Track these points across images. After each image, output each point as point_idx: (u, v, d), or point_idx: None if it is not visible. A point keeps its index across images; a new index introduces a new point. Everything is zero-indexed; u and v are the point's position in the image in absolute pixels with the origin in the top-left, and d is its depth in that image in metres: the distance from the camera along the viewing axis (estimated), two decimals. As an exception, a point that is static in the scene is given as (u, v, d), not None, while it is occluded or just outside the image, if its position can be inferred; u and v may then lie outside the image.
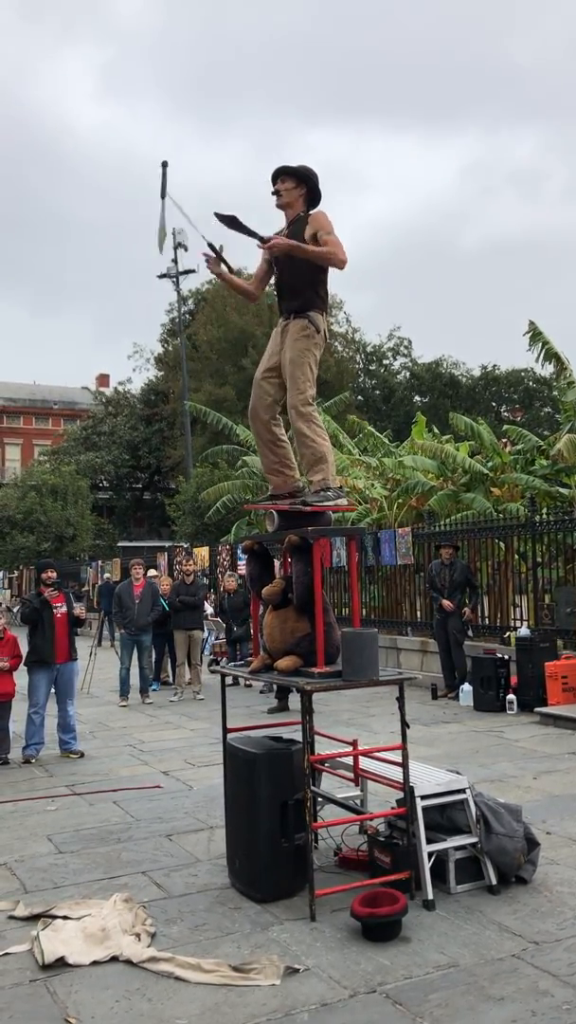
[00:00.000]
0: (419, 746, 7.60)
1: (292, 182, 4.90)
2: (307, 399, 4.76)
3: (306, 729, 4.52)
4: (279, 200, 4.93)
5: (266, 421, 4.99)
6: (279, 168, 4.92)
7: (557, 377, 16.18)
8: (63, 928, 4.24)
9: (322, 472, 4.78)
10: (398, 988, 3.60)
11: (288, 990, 3.61)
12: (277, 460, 5.04)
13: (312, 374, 4.78)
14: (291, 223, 4.92)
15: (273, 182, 4.93)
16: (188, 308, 41.40)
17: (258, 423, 5.03)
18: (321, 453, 4.78)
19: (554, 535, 11.34)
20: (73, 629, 8.47)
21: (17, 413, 55.50)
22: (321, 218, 4.82)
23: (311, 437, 4.75)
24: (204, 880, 4.94)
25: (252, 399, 5.04)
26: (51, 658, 8.23)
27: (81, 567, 27.15)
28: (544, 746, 8.17)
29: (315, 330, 4.77)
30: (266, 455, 5.08)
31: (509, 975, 3.68)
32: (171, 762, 8.03)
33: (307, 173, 4.93)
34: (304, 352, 4.75)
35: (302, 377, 4.73)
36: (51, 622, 8.24)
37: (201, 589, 12.92)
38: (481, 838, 4.64)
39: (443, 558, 11.38)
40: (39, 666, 8.28)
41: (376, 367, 49.45)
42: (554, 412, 39.87)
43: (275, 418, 4.97)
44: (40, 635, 8.24)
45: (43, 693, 8.31)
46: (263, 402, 4.96)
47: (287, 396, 4.80)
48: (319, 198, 4.96)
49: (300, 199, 4.93)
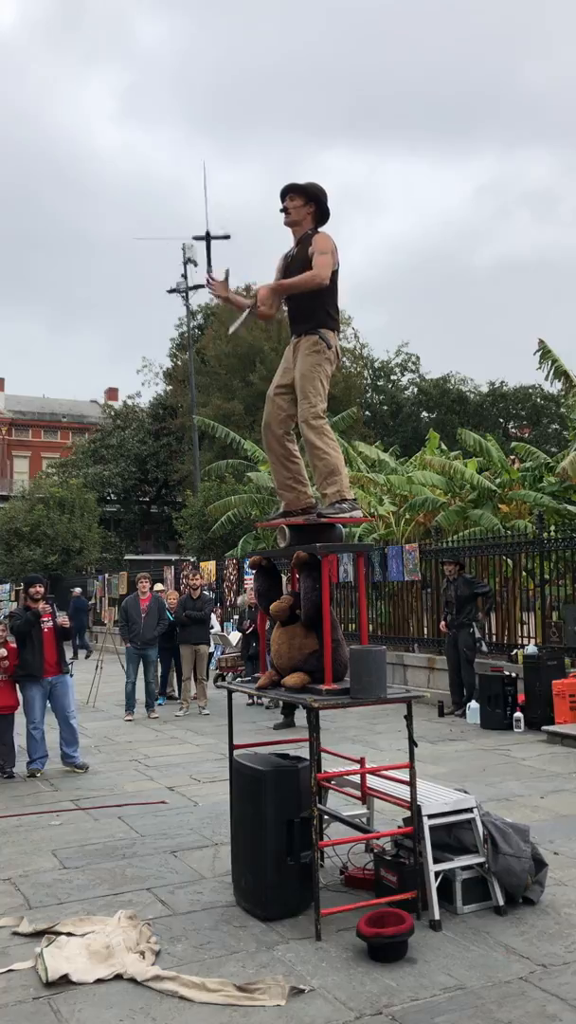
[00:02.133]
0: (426, 764, 7.56)
1: (301, 199, 4.92)
2: (318, 412, 4.77)
3: (313, 746, 4.50)
4: (287, 218, 4.96)
5: (280, 436, 5.00)
6: (288, 185, 4.94)
7: (566, 394, 16.22)
8: (67, 945, 4.21)
9: (336, 484, 4.78)
10: (404, 1010, 3.56)
11: (293, 1011, 3.58)
12: (290, 476, 5.04)
13: (323, 388, 4.80)
14: (299, 241, 4.95)
15: (282, 199, 4.95)
16: (197, 323, 41.53)
17: (271, 438, 5.04)
18: (334, 465, 4.78)
19: (562, 552, 11.30)
20: (61, 642, 8.41)
21: (26, 426, 55.68)
22: (320, 238, 4.84)
23: (323, 449, 4.76)
24: (209, 898, 4.91)
25: (265, 414, 5.05)
26: (40, 672, 8.19)
27: (88, 580, 27.14)
28: (552, 765, 8.12)
29: (326, 346, 4.79)
30: (279, 471, 5.08)
31: (517, 998, 3.64)
32: (176, 778, 8.00)
33: (316, 191, 4.94)
34: (315, 367, 4.76)
35: (313, 391, 4.75)
36: (39, 636, 8.20)
37: (208, 604, 12.90)
38: (488, 858, 4.60)
39: (447, 575, 11.36)
40: (30, 681, 8.24)
41: (384, 383, 49.50)
42: (562, 429, 39.84)
43: (288, 433, 4.98)
44: (29, 650, 8.19)
45: (38, 708, 8.26)
46: (276, 417, 4.97)
47: (298, 410, 4.81)
48: (327, 216, 4.98)
49: (309, 216, 4.95)
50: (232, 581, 18.97)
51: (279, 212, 4.95)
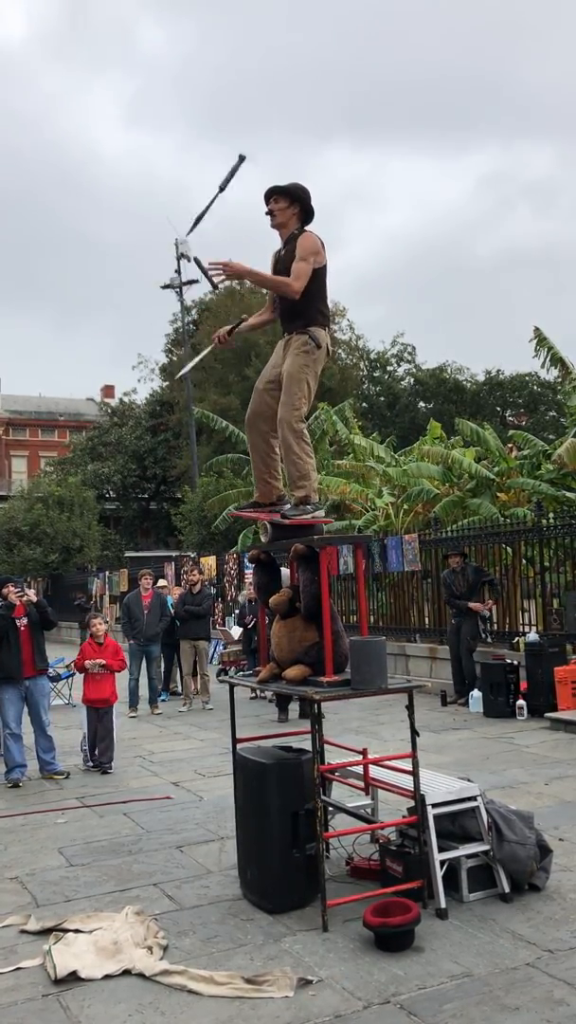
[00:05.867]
0: (429, 753, 7.57)
1: (285, 201, 4.89)
2: (300, 416, 4.77)
3: (316, 738, 4.51)
4: (273, 220, 4.93)
5: (264, 432, 5.00)
6: (271, 188, 4.90)
7: (562, 381, 16.22)
8: (75, 942, 4.23)
9: (304, 489, 4.82)
10: (412, 999, 3.58)
11: (302, 1002, 3.59)
12: (267, 470, 5.08)
13: (309, 391, 4.78)
14: (286, 242, 4.93)
15: (266, 202, 4.91)
16: (191, 318, 41.46)
17: (255, 433, 5.04)
18: (306, 471, 4.81)
19: (561, 539, 11.30)
20: (39, 638, 8.09)
21: (23, 425, 55.66)
22: (304, 240, 4.80)
23: (298, 455, 4.77)
24: (216, 892, 4.93)
25: (251, 408, 5.04)
26: (18, 673, 7.89)
27: (88, 578, 27.15)
28: (555, 752, 8.13)
29: (315, 345, 4.77)
30: (257, 464, 5.12)
31: (524, 984, 3.65)
32: (181, 773, 8.02)
33: (299, 191, 4.91)
34: (303, 368, 4.74)
35: (298, 393, 4.73)
36: (16, 636, 7.92)
37: (207, 599, 12.91)
38: (493, 846, 4.61)
39: (452, 566, 11.35)
40: (7, 683, 7.91)
41: (380, 374, 49.47)
42: (559, 416, 39.82)
43: (273, 430, 4.97)
44: (5, 649, 7.87)
45: (14, 712, 7.93)
46: (263, 413, 4.97)
47: (280, 409, 4.80)
48: (312, 215, 4.96)
49: (294, 217, 4.92)
50: (233, 576, 18.98)
51: (265, 215, 4.93)
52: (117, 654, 8.58)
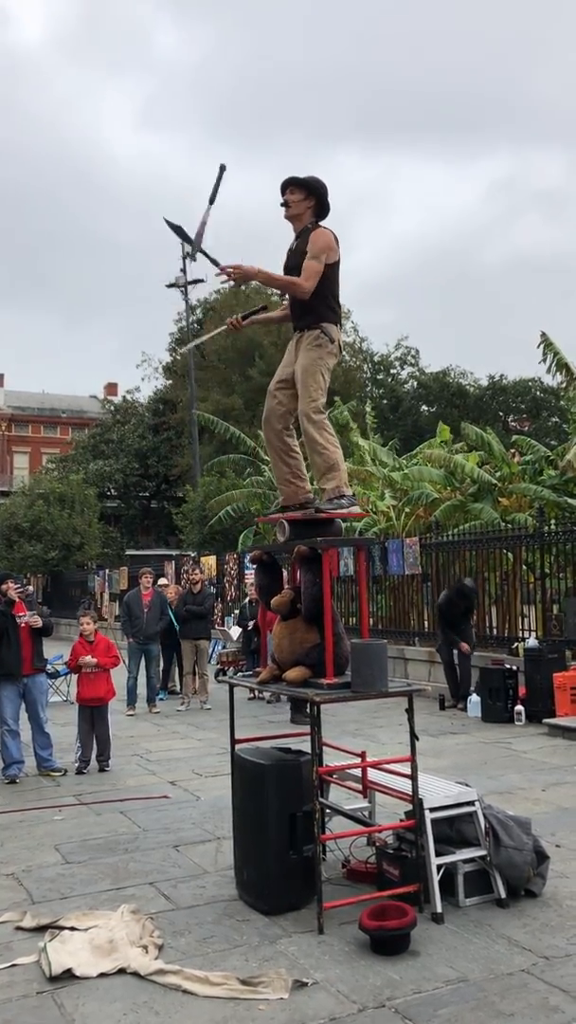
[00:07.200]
0: (427, 757, 7.57)
1: (301, 193, 4.89)
2: (318, 407, 4.76)
3: (314, 740, 4.51)
4: (287, 211, 4.93)
5: (279, 431, 4.99)
6: (288, 179, 4.90)
7: (566, 387, 16.22)
8: (70, 939, 4.22)
9: (335, 480, 4.78)
10: (407, 1003, 3.57)
11: (296, 1004, 3.59)
12: (289, 471, 5.04)
13: (324, 382, 4.79)
14: (299, 235, 4.93)
15: (282, 192, 4.92)
16: (196, 317, 41.47)
17: (271, 433, 5.04)
18: (333, 460, 4.78)
19: (562, 546, 11.30)
20: (39, 638, 8.10)
21: (25, 422, 55.64)
22: (316, 237, 4.79)
23: (323, 444, 4.75)
24: (212, 892, 4.92)
25: (266, 409, 5.05)
26: (17, 670, 7.90)
27: (88, 576, 27.15)
28: (553, 758, 8.13)
29: (328, 340, 4.78)
30: (278, 465, 5.09)
31: (519, 990, 3.65)
32: (178, 772, 8.01)
33: (316, 184, 4.91)
34: (316, 361, 4.75)
35: (314, 384, 4.74)
36: (16, 632, 7.92)
37: (208, 598, 12.90)
38: (490, 851, 4.61)
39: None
40: (6, 679, 7.91)
41: (384, 376, 49.45)
42: (562, 422, 39.81)
43: (288, 428, 4.98)
44: (5, 645, 7.87)
45: (11, 709, 7.94)
46: (276, 412, 4.97)
47: (299, 403, 4.80)
48: (327, 210, 4.95)
49: (308, 211, 4.92)
50: (233, 576, 18.98)
51: (280, 206, 4.93)
52: (109, 651, 8.53)
